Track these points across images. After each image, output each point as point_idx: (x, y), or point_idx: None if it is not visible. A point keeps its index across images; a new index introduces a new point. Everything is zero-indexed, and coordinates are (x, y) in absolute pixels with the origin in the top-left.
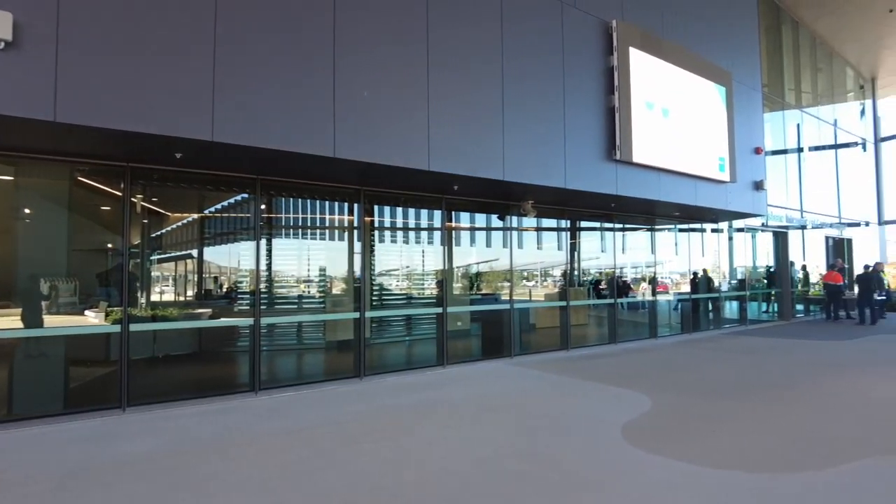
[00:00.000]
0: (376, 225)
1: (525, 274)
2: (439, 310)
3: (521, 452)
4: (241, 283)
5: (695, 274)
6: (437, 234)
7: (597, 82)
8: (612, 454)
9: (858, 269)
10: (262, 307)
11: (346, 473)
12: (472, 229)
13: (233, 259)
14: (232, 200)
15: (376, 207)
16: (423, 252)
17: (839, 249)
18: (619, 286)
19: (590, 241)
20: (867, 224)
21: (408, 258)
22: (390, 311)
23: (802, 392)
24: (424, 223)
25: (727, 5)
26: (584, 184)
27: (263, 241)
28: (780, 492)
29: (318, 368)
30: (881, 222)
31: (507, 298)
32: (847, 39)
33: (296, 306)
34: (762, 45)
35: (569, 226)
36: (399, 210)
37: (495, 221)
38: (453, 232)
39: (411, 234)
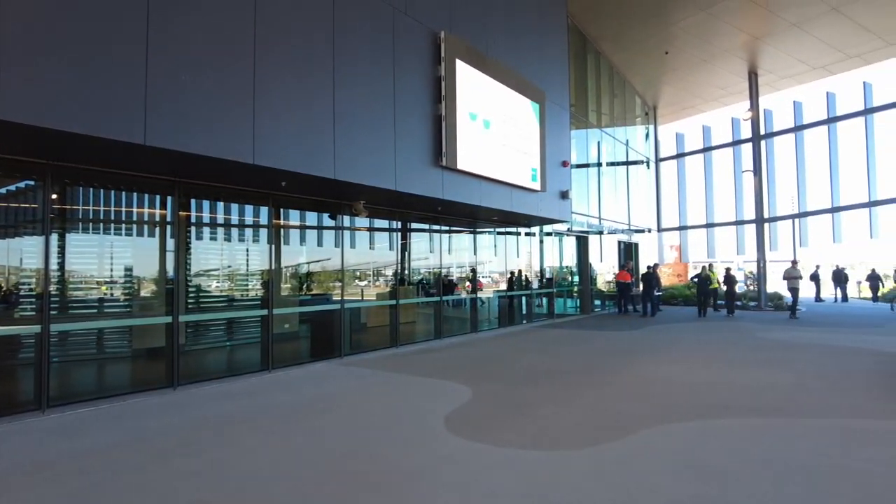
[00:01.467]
0: (194, 221)
1: (358, 274)
2: (264, 312)
3: (350, 451)
4: (24, 284)
5: (511, 273)
6: (264, 233)
7: (426, 90)
8: (436, 444)
9: (643, 270)
10: (52, 312)
11: (150, 494)
12: (303, 228)
13: (13, 257)
14: (13, 188)
15: (194, 202)
16: (247, 251)
17: (629, 252)
18: (445, 285)
19: (420, 242)
20: (650, 231)
21: (231, 257)
22: (209, 314)
23: (599, 376)
24: (250, 220)
25: (543, 31)
26: (413, 187)
27: (55, 237)
28: (576, 465)
29: (123, 380)
30: (659, 229)
31: (339, 299)
32: (635, 72)
33: (96, 310)
34: (571, 69)
35: (400, 227)
36: (221, 206)
37: (327, 221)
38: (283, 230)
39: (235, 231)
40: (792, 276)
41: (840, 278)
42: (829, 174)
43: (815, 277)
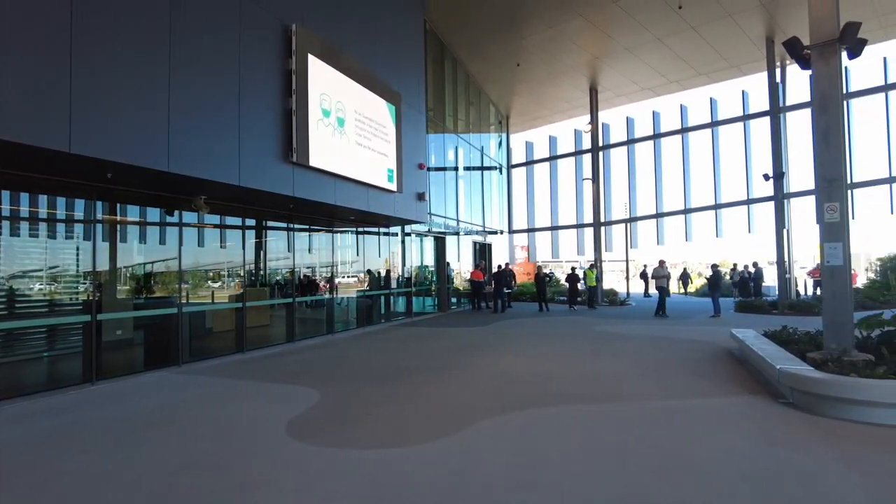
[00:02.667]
0: (6, 215)
1: (208, 274)
2: (86, 317)
3: (185, 465)
4: None
5: (371, 273)
6: (90, 229)
7: (276, 84)
8: (276, 451)
9: (495, 269)
10: None
11: None
12: (140, 224)
13: None
14: None
15: (8, 194)
16: (75, 249)
17: (482, 252)
18: (303, 285)
19: (275, 241)
20: (501, 232)
21: (51, 257)
22: (16, 321)
23: (447, 372)
24: (70, 215)
25: (400, 34)
26: (259, 183)
27: None
28: (415, 460)
29: None
30: (510, 231)
31: (182, 302)
32: (490, 82)
33: None
34: (429, 75)
35: (254, 225)
36: (44, 199)
37: (168, 217)
38: (115, 227)
39: (61, 228)
40: (660, 276)
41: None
42: (655, 183)
43: (643, 276)
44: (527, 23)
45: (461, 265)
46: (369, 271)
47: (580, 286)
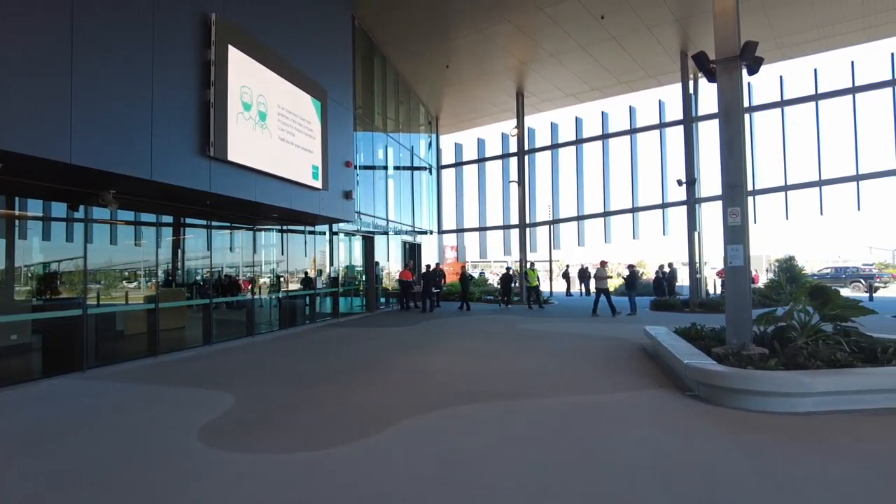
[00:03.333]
0: None
1: (122, 274)
2: None
3: (86, 482)
4: None
5: (296, 273)
6: None
7: (193, 75)
8: (187, 459)
9: (424, 269)
10: None
11: None
12: (41, 219)
13: None
14: None
15: None
16: None
17: (412, 252)
18: (223, 285)
19: (193, 240)
20: (431, 232)
21: None
22: None
23: (371, 372)
24: None
25: (327, 30)
26: (174, 177)
27: None
28: (333, 462)
29: None
30: (440, 231)
31: (89, 303)
32: (420, 82)
33: None
34: (358, 72)
35: (170, 222)
36: None
37: (73, 213)
38: (16, 223)
39: None
40: (602, 277)
41: (585, 276)
42: (577, 187)
43: (566, 275)
44: (456, 25)
45: (390, 265)
46: (295, 271)
47: (515, 285)
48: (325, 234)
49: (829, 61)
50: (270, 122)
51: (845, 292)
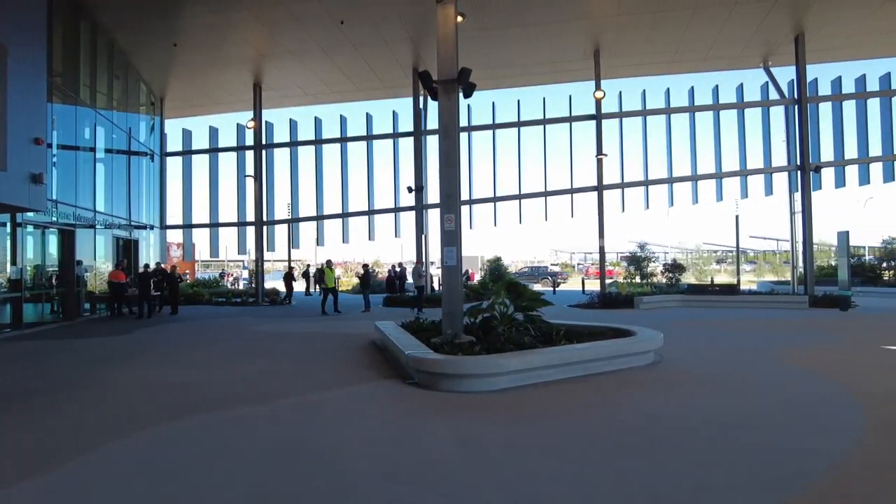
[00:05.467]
0: None
1: None
2: None
3: None
4: None
5: None
6: None
7: None
8: None
9: (142, 269)
10: None
11: None
12: None
13: None
14: None
15: None
16: None
17: (127, 249)
18: None
19: None
20: (152, 227)
21: None
22: None
23: (74, 391)
24: None
25: None
26: None
27: None
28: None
29: None
30: (163, 227)
31: None
32: (142, 57)
33: None
34: (57, 32)
35: None
36: None
37: None
38: None
39: None
40: (420, 274)
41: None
42: (316, 186)
43: (305, 275)
44: (187, 2)
45: (99, 264)
46: None
47: (241, 285)
48: (5, 225)
49: (531, 94)
50: None
51: (537, 287)
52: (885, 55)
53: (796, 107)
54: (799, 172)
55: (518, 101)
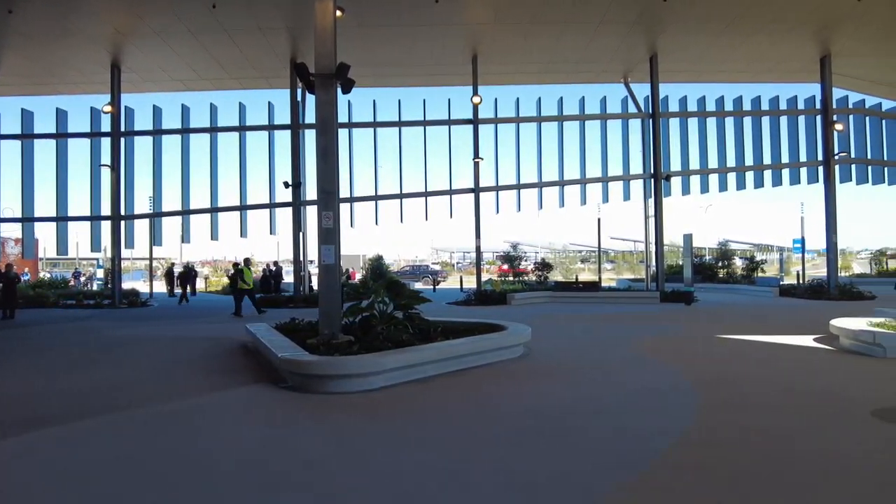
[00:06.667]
0: None
1: None
2: None
3: None
4: None
5: None
6: None
7: None
8: None
9: None
10: None
11: None
12: None
13: None
14: None
15: None
16: None
17: None
18: None
19: None
20: None
21: None
22: None
23: None
24: None
25: None
26: None
27: None
28: None
29: None
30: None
31: None
32: None
33: None
34: None
35: None
36: None
37: None
38: None
39: None
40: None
41: (190, 275)
42: (182, 179)
43: (169, 274)
44: None
45: None
46: None
47: (94, 285)
48: None
49: (413, 95)
50: None
51: (418, 285)
52: (720, 80)
53: (651, 121)
54: (652, 180)
55: (399, 101)
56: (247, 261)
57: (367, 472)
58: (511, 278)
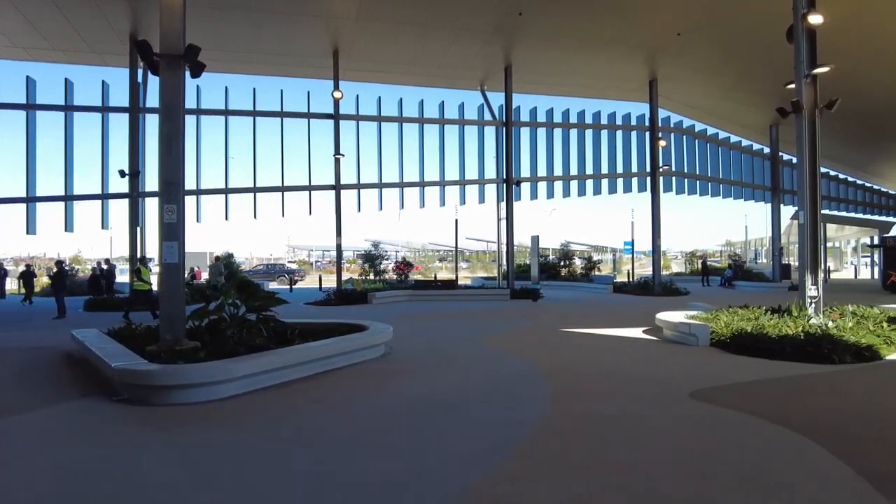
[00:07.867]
0: None
1: None
2: None
3: None
4: None
5: None
6: None
7: None
8: None
9: None
10: None
11: None
12: None
13: None
14: None
15: None
16: None
17: None
18: None
19: None
20: None
21: None
22: None
23: None
24: None
25: None
26: None
27: None
28: None
29: None
30: None
31: None
32: None
33: None
34: None
35: None
36: None
37: None
38: None
39: None
40: (220, 272)
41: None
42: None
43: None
44: None
45: None
46: None
47: None
48: None
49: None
50: None
51: (273, 286)
52: (569, 94)
53: (504, 128)
54: (505, 185)
55: (254, 90)
56: (143, 259)
57: (212, 486)
58: (372, 277)
